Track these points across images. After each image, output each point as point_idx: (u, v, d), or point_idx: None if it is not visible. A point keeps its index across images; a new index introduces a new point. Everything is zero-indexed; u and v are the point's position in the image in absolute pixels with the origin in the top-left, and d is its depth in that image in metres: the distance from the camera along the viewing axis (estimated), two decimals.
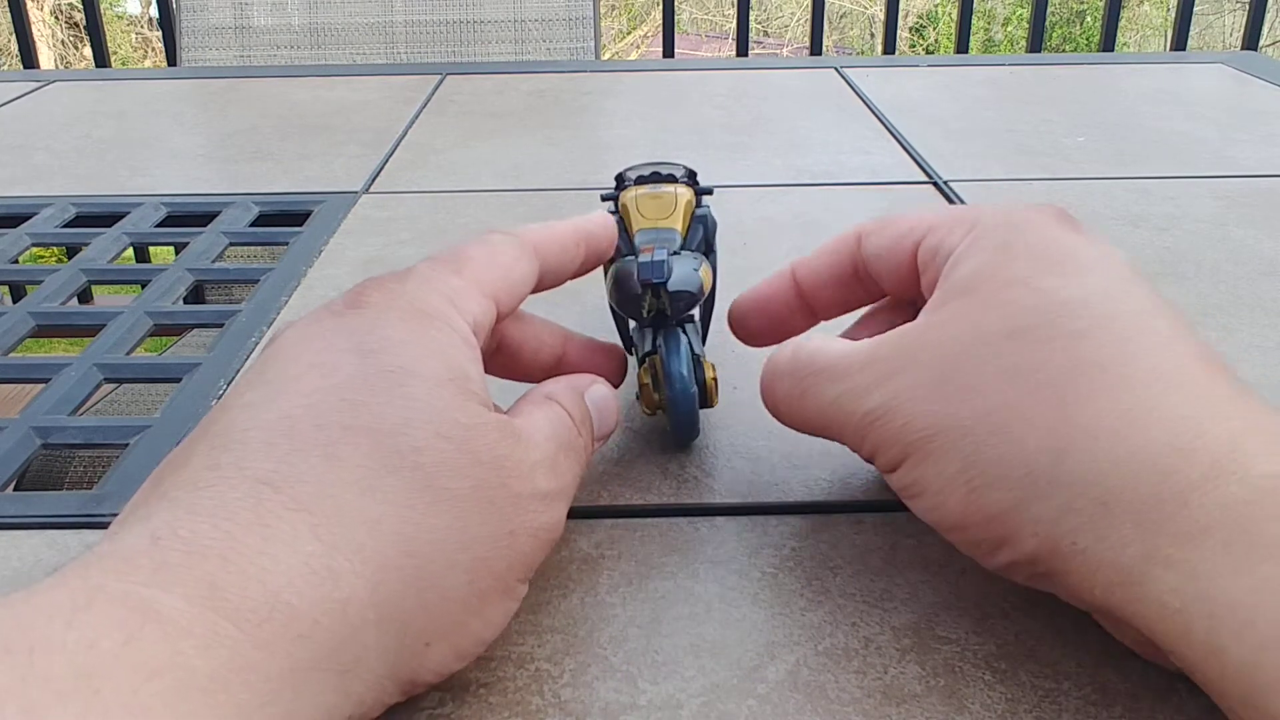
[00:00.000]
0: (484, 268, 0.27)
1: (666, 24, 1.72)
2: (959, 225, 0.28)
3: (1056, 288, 0.25)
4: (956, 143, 0.69)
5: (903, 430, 0.25)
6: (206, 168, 0.67)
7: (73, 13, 6.15)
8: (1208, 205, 0.56)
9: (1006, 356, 0.24)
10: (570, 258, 0.30)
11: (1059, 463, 0.22)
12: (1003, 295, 0.25)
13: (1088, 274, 0.25)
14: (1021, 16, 6.56)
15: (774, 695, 0.24)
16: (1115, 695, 0.24)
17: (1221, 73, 0.88)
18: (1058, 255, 0.26)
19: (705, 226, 0.35)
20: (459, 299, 0.26)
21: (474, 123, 0.76)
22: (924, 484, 0.25)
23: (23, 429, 0.36)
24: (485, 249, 0.28)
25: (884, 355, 0.26)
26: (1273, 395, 0.37)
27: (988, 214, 0.28)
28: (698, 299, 0.31)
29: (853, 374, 0.26)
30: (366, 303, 0.25)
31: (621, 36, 7.16)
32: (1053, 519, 0.22)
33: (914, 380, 0.25)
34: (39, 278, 0.49)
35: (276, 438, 0.22)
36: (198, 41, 1.19)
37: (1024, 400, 0.23)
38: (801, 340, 0.29)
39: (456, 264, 0.27)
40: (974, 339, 0.25)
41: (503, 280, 0.28)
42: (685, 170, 0.36)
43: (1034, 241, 0.26)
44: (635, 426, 0.35)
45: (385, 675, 0.22)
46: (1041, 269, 0.25)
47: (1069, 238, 0.27)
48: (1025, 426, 0.23)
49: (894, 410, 0.25)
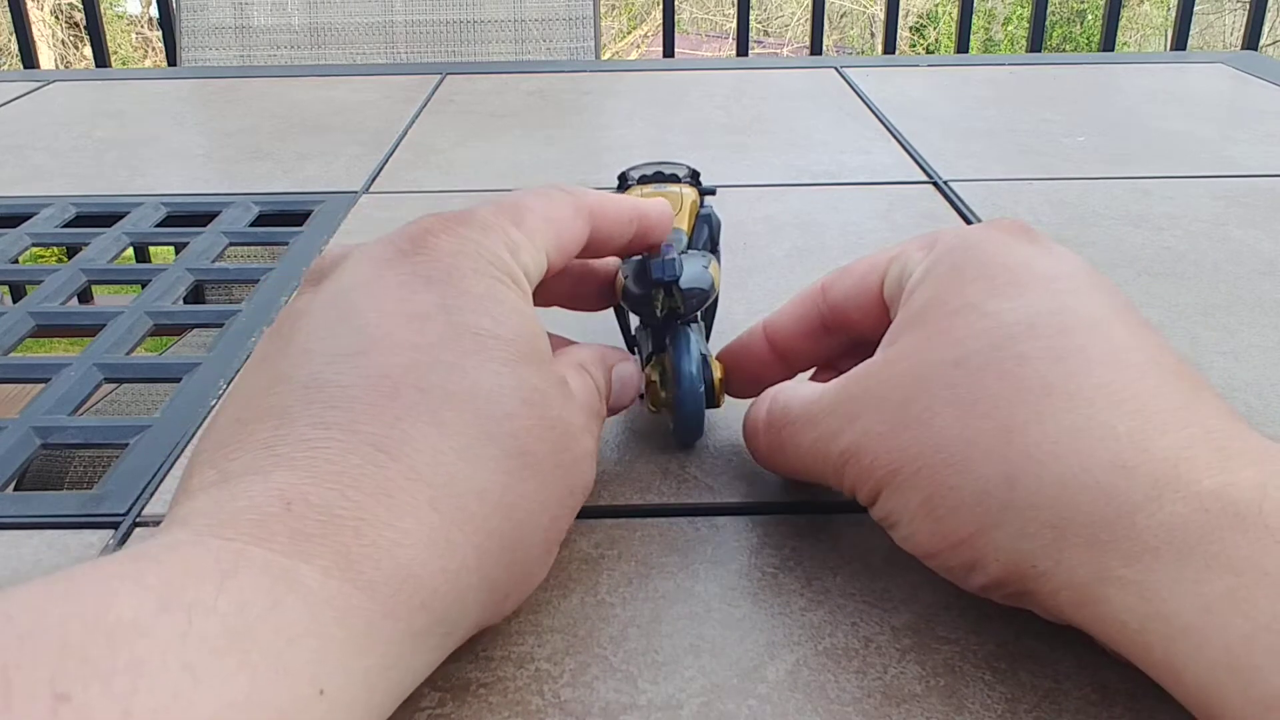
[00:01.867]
0: (542, 221, 0.28)
1: (666, 24, 1.72)
2: (917, 251, 0.28)
3: (1003, 310, 0.25)
4: (956, 143, 0.69)
5: (871, 467, 0.25)
6: (206, 168, 0.67)
7: (73, 12, 6.15)
8: (1207, 205, 0.56)
9: (955, 387, 0.24)
10: (621, 232, 0.30)
11: (1011, 489, 0.23)
12: (951, 323, 0.25)
13: (1038, 290, 0.25)
14: (1022, 16, 6.56)
15: (774, 695, 0.24)
16: (1115, 695, 0.24)
17: (1222, 72, 0.88)
18: (1008, 273, 0.26)
19: (710, 226, 0.35)
20: (519, 252, 0.27)
21: (474, 122, 0.76)
22: (896, 515, 0.25)
23: (23, 429, 0.36)
24: (544, 202, 0.28)
25: (848, 396, 0.27)
26: (1273, 395, 0.37)
27: (945, 235, 0.28)
28: (710, 297, 0.31)
29: (823, 419, 0.27)
30: (435, 247, 0.25)
31: (621, 36, 7.16)
32: (1011, 544, 0.23)
33: (876, 418, 0.25)
34: (39, 278, 0.49)
35: (382, 399, 0.22)
36: (198, 41, 1.19)
37: (973, 429, 0.24)
38: (775, 391, 0.30)
39: (517, 214, 0.27)
40: (925, 371, 0.25)
41: (556, 238, 0.28)
42: (688, 170, 0.36)
43: (985, 259, 0.26)
44: (636, 426, 0.35)
45: (472, 628, 0.24)
46: (990, 290, 0.25)
47: (1022, 250, 0.27)
48: (977, 455, 0.23)
49: (862, 449, 0.26)
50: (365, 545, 0.20)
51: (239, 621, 0.18)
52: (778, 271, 0.49)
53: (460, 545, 0.22)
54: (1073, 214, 0.56)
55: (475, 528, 0.22)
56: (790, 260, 0.50)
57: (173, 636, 0.17)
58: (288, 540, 0.20)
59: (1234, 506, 0.20)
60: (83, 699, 0.16)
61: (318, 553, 0.20)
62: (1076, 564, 0.22)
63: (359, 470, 0.21)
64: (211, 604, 0.18)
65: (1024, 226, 0.28)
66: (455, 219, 0.26)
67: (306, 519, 0.20)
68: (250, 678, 0.17)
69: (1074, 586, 0.22)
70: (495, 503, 0.23)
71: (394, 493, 0.21)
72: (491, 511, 0.23)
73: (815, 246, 0.33)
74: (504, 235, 0.26)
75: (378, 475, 0.21)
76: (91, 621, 0.17)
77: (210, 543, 0.19)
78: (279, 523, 0.20)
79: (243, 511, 0.20)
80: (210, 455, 0.22)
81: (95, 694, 0.16)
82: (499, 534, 0.23)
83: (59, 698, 0.16)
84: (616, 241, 0.30)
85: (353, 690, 0.19)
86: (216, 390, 0.38)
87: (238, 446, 0.22)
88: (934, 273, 0.27)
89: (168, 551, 0.19)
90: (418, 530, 0.21)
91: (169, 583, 0.18)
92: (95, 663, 0.16)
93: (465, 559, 0.22)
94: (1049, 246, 0.27)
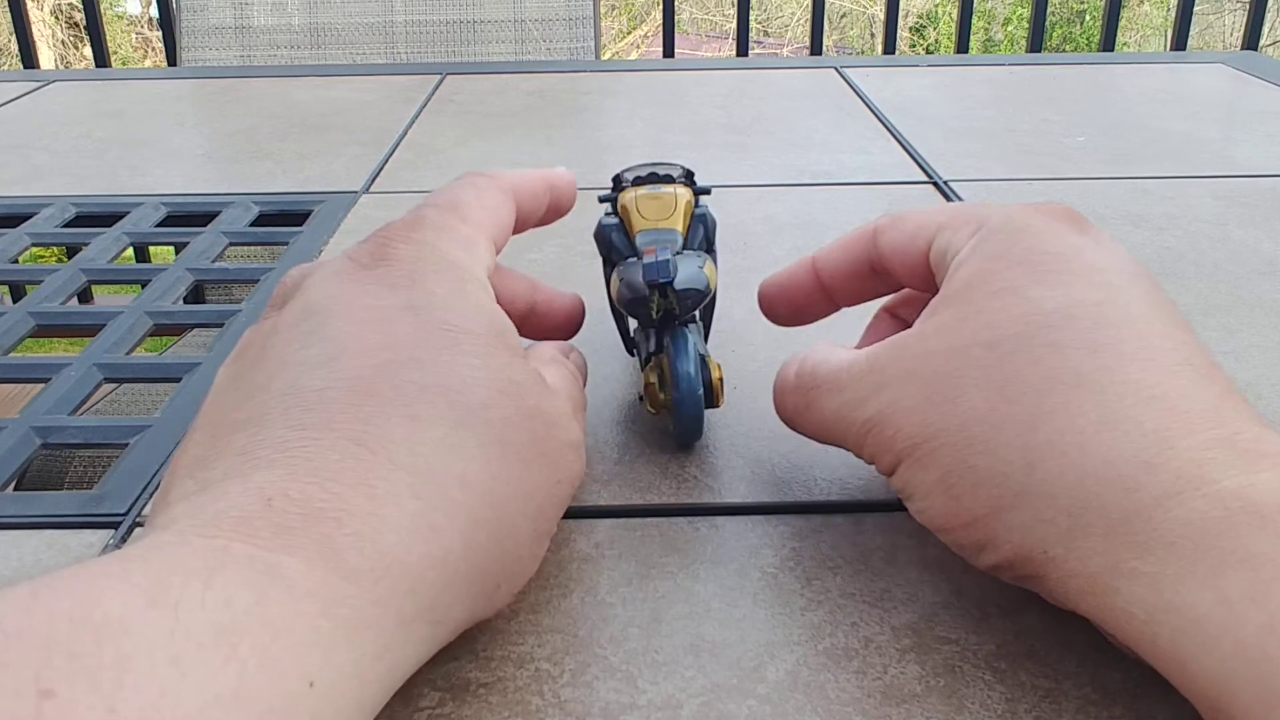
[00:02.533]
0: (481, 212, 0.29)
1: (666, 24, 1.72)
2: (966, 225, 0.28)
3: (1043, 297, 0.25)
4: (956, 143, 0.69)
5: (894, 438, 0.26)
6: (206, 167, 0.67)
7: (73, 12, 6.14)
8: (1208, 205, 0.56)
9: (986, 368, 0.24)
10: (539, 203, 0.32)
11: (1030, 474, 0.23)
12: (990, 304, 0.25)
13: (1080, 281, 0.25)
14: (1022, 16, 6.56)
15: (774, 695, 0.24)
16: (1115, 695, 0.24)
17: (1222, 72, 0.88)
18: (1054, 260, 0.26)
19: (705, 225, 0.35)
20: (472, 248, 0.28)
21: (474, 122, 0.76)
22: (913, 488, 0.26)
23: (23, 429, 0.36)
24: (474, 192, 0.29)
25: (878, 366, 0.27)
26: (1273, 395, 0.37)
27: (995, 215, 0.28)
28: (705, 296, 0.31)
29: (850, 386, 0.27)
30: (395, 256, 0.26)
31: (621, 36, 7.16)
32: (1027, 527, 0.23)
33: (903, 391, 0.26)
34: (39, 278, 0.49)
35: (358, 398, 0.23)
36: (198, 41, 1.19)
37: (999, 412, 0.24)
38: (807, 354, 0.30)
39: (458, 210, 0.28)
40: (958, 349, 0.25)
41: (496, 224, 0.29)
42: (683, 170, 0.36)
43: (1033, 244, 0.26)
44: (636, 426, 0.35)
45: (465, 619, 0.23)
46: (1033, 276, 0.25)
47: (1071, 239, 0.27)
48: (1000, 438, 0.24)
49: (886, 419, 0.26)
50: (348, 534, 0.20)
51: (226, 617, 0.18)
52: None
53: (445, 531, 0.22)
54: None
55: (459, 514, 0.22)
56: (790, 260, 0.50)
57: (159, 633, 0.17)
58: (270, 535, 0.20)
59: (1254, 505, 0.20)
60: (68, 695, 0.16)
61: (301, 545, 0.20)
62: (1090, 553, 0.22)
63: (338, 465, 0.21)
64: (198, 600, 0.18)
65: (1073, 213, 0.28)
66: (407, 225, 0.27)
67: (288, 513, 0.20)
68: (239, 672, 0.18)
69: (1085, 575, 0.22)
70: (478, 490, 0.23)
71: (374, 483, 0.21)
72: (475, 499, 0.23)
73: (815, 246, 0.33)
74: (456, 234, 0.27)
75: (357, 468, 0.22)
76: (78, 619, 0.17)
77: (195, 541, 0.20)
78: (261, 519, 0.20)
79: (224, 511, 0.20)
80: (188, 469, 0.23)
81: (81, 690, 0.16)
82: (484, 521, 0.23)
83: (43, 694, 0.15)
84: (537, 213, 0.32)
85: (343, 681, 0.19)
86: None
87: (216, 457, 0.22)
88: (979, 252, 0.27)
89: (153, 551, 0.19)
90: (400, 517, 0.21)
91: (155, 580, 0.18)
92: (81, 659, 0.16)
93: (450, 545, 0.22)
94: (1097, 236, 0.27)
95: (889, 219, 0.31)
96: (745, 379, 0.38)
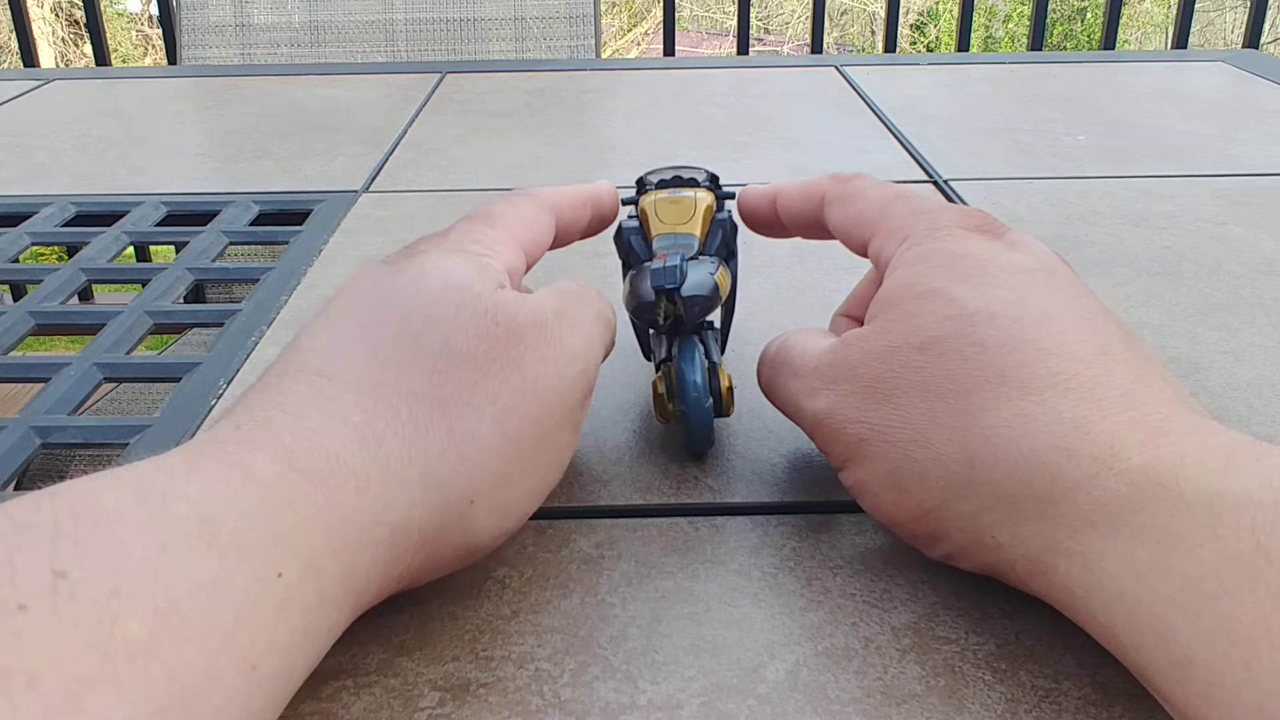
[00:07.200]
0: (512, 221, 0.31)
1: (667, 21, 1.72)
2: (893, 237, 0.30)
3: (966, 297, 0.26)
4: (957, 141, 0.69)
5: (842, 432, 0.27)
6: (206, 166, 0.67)
7: (73, 10, 6.14)
8: (1208, 204, 0.56)
9: (920, 370, 0.26)
10: (579, 216, 0.34)
11: (970, 467, 0.25)
12: (919, 306, 0.27)
13: (999, 281, 0.27)
14: (1022, 14, 6.55)
15: (774, 695, 0.24)
16: (1115, 695, 0.24)
17: (1222, 71, 0.88)
18: (973, 264, 0.27)
19: (725, 231, 0.34)
20: (495, 246, 0.29)
21: (474, 121, 0.75)
22: (863, 485, 0.27)
23: (23, 429, 0.36)
24: (509, 205, 0.31)
25: (831, 361, 0.28)
26: (1273, 395, 0.37)
27: (920, 225, 0.29)
28: (713, 304, 0.30)
29: (807, 375, 0.29)
30: (416, 251, 0.28)
31: (622, 34, 7.15)
32: (973, 515, 0.25)
33: (849, 389, 0.27)
34: (39, 277, 0.49)
35: (331, 342, 0.26)
36: (198, 39, 1.19)
37: (936, 410, 0.26)
38: (790, 333, 0.32)
39: (488, 219, 0.30)
40: (892, 351, 0.27)
41: (528, 233, 0.31)
42: (707, 174, 0.35)
43: (954, 250, 0.28)
44: (636, 427, 0.35)
45: (434, 534, 0.24)
46: (955, 278, 0.27)
47: (985, 244, 0.28)
48: (940, 434, 0.25)
49: (835, 412, 0.28)
50: (300, 440, 0.23)
51: (206, 506, 0.20)
52: (778, 271, 0.49)
53: (388, 438, 0.24)
54: (1073, 213, 0.56)
55: (403, 421, 0.24)
56: (790, 260, 0.50)
57: (149, 521, 0.19)
58: (237, 443, 0.22)
59: (1158, 477, 0.22)
60: (78, 574, 0.18)
61: (262, 447, 0.22)
62: (1030, 536, 0.24)
63: (298, 393, 0.24)
64: (182, 491, 0.20)
65: (989, 219, 0.29)
66: (436, 233, 0.30)
67: (252, 429, 0.23)
68: (219, 559, 0.20)
69: (1029, 558, 0.24)
70: (425, 398, 0.25)
71: (325, 403, 0.24)
72: (420, 408, 0.24)
73: (815, 246, 0.33)
74: (479, 235, 0.29)
75: (314, 395, 0.24)
76: (80, 511, 0.19)
77: (176, 453, 0.22)
78: (231, 437, 0.23)
79: (205, 438, 0.23)
80: None
81: (89, 570, 0.18)
82: (431, 428, 0.24)
83: (57, 574, 0.18)
84: (578, 226, 0.34)
85: (305, 575, 0.21)
86: (216, 390, 0.38)
87: None
88: (904, 259, 0.29)
89: (139, 462, 0.21)
90: (344, 428, 0.23)
91: (143, 478, 0.21)
92: (85, 545, 0.18)
93: (394, 449, 0.24)
94: (1013, 239, 0.29)
95: (836, 191, 0.33)
96: (745, 379, 0.38)
